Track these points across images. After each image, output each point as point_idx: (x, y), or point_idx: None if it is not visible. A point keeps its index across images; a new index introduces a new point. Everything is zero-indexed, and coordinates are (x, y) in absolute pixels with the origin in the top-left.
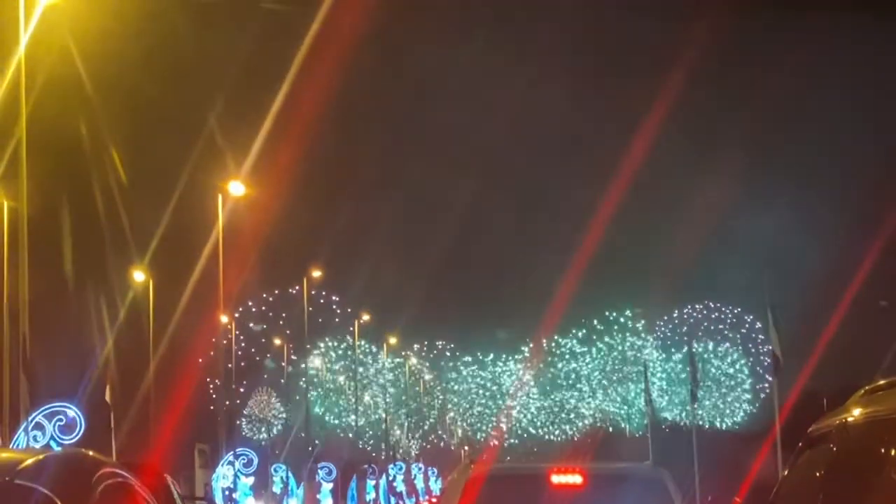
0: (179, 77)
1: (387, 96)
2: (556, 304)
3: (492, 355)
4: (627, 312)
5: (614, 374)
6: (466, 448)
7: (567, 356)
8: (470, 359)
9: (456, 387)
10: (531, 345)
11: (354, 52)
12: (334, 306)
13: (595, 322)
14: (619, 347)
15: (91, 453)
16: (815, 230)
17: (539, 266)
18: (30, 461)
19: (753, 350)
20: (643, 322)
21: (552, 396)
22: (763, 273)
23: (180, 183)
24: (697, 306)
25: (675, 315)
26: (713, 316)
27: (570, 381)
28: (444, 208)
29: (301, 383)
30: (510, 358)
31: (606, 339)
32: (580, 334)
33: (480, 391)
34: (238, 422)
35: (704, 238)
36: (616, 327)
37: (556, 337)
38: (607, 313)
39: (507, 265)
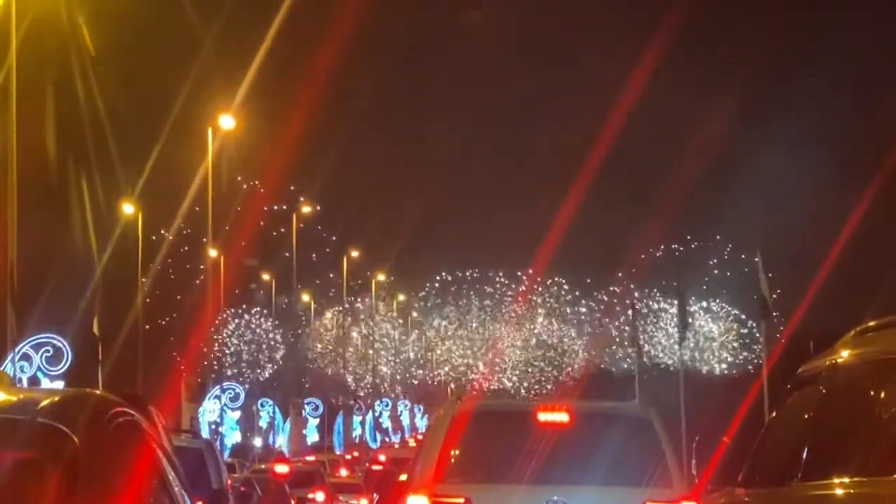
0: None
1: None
2: (547, 244)
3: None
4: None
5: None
6: (452, 385)
7: (557, 296)
8: (459, 294)
9: (444, 324)
10: (524, 280)
11: None
12: (326, 245)
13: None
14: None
15: (100, 393)
16: (810, 175)
17: (530, 206)
18: (47, 401)
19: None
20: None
21: (541, 338)
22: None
23: (172, 116)
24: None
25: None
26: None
27: (559, 324)
28: (437, 146)
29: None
30: (501, 296)
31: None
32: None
33: (467, 330)
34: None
35: (699, 176)
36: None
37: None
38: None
39: (497, 206)
